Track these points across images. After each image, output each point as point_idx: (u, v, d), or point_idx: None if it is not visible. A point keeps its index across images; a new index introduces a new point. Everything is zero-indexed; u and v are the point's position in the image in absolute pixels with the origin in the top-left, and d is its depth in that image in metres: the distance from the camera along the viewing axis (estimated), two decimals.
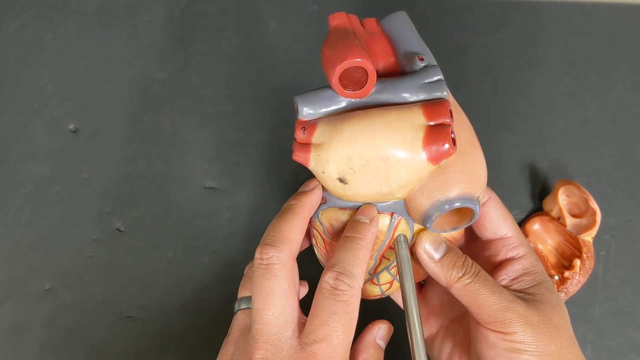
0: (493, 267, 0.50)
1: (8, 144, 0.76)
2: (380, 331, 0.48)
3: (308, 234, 0.52)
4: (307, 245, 0.55)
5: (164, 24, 0.82)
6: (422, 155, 0.41)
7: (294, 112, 0.46)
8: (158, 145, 0.76)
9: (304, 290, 0.53)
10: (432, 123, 0.41)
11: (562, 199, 0.67)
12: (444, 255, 0.46)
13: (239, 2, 0.83)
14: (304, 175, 0.73)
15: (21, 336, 0.68)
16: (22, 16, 0.83)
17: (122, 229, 0.72)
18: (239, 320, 0.49)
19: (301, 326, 0.43)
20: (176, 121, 0.77)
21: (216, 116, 0.77)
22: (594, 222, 0.65)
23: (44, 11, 0.84)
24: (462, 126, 0.45)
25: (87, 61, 0.81)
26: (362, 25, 0.49)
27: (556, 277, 0.66)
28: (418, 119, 0.41)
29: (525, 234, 0.69)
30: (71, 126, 0.77)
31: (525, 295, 0.46)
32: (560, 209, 0.67)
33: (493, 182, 0.70)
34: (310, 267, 0.54)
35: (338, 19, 0.47)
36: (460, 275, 0.45)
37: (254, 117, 0.77)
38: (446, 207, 0.43)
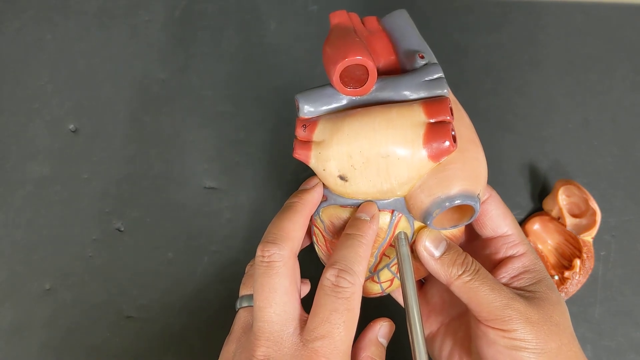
0: (493, 265, 0.50)
1: (8, 144, 0.76)
2: (381, 329, 0.48)
3: (309, 232, 0.52)
4: (308, 243, 0.55)
5: (164, 24, 0.82)
6: (423, 153, 0.41)
7: (294, 111, 0.46)
8: (158, 145, 0.76)
9: (306, 289, 0.53)
10: (432, 120, 0.41)
11: (562, 199, 0.67)
12: (444, 252, 0.46)
13: (239, 2, 0.83)
14: (304, 175, 0.73)
15: (21, 336, 0.68)
16: (22, 16, 0.83)
17: (122, 229, 0.72)
18: (240, 318, 0.49)
19: (303, 323, 0.43)
20: (176, 121, 0.77)
21: (216, 116, 0.77)
22: (594, 222, 0.65)
23: (44, 11, 0.84)
24: (462, 124, 0.45)
25: (87, 61, 0.81)
26: (362, 23, 0.49)
27: (556, 277, 0.66)
28: (418, 117, 0.42)
29: (525, 234, 0.68)
30: (71, 126, 0.77)
31: (525, 293, 0.46)
32: (560, 209, 0.67)
33: (493, 182, 0.70)
34: (310, 266, 0.54)
35: (339, 17, 0.47)
36: (460, 272, 0.45)
37: (254, 117, 0.77)
38: (446, 204, 0.43)
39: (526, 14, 0.80)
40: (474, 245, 0.54)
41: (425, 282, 0.60)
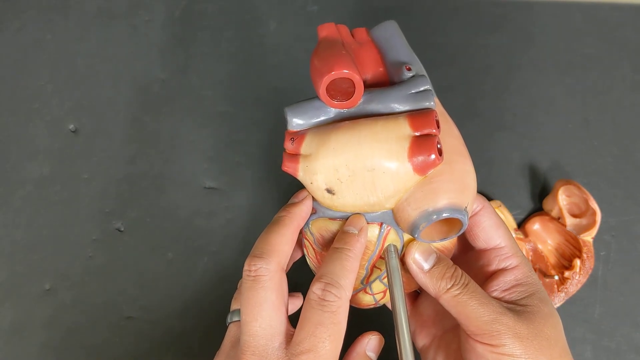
0: (486, 277, 0.49)
1: (8, 144, 0.77)
2: (370, 342, 0.48)
3: (301, 244, 0.52)
4: (300, 255, 0.55)
5: (164, 24, 0.82)
6: (408, 166, 0.41)
7: None
8: (158, 145, 0.76)
9: (298, 303, 0.53)
10: (417, 133, 0.41)
11: (562, 199, 0.67)
12: (434, 265, 0.46)
13: (239, 2, 0.83)
14: None
15: (21, 336, 0.69)
16: (22, 16, 0.84)
17: (122, 229, 0.73)
18: (230, 332, 0.49)
19: (289, 338, 0.43)
20: (176, 121, 0.77)
21: (216, 116, 0.77)
22: (594, 222, 0.65)
23: (44, 11, 0.84)
24: (450, 134, 0.45)
25: (87, 61, 0.81)
26: (352, 35, 0.49)
27: (556, 277, 0.66)
28: (404, 130, 0.41)
29: (525, 234, 0.69)
30: (71, 126, 0.77)
31: (516, 307, 0.45)
32: (560, 209, 0.67)
33: (493, 182, 0.71)
34: (305, 279, 0.54)
35: (327, 30, 0.47)
36: (449, 286, 0.45)
37: (254, 117, 0.77)
38: (434, 217, 0.42)
39: (526, 14, 0.80)
40: (467, 257, 0.53)
41: (420, 292, 0.59)
